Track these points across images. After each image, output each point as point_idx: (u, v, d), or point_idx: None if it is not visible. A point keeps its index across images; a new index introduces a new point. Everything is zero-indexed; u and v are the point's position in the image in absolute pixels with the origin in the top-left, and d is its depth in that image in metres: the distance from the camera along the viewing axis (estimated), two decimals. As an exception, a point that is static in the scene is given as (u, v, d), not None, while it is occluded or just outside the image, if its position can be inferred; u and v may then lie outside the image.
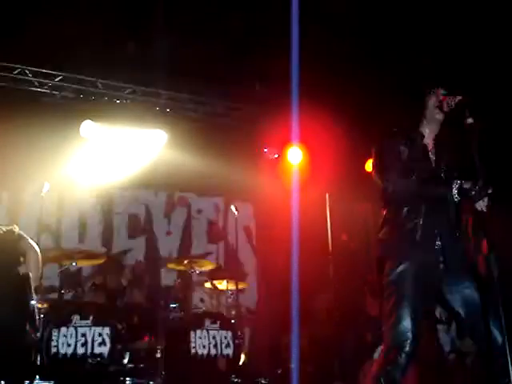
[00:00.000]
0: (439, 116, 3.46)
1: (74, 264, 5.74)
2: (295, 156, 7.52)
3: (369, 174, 3.86)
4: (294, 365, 6.08)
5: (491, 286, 3.00)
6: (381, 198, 3.52)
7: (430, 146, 3.49)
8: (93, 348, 5.09)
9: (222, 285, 6.63)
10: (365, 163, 6.98)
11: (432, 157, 3.47)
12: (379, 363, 3.27)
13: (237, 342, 5.75)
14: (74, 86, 6.82)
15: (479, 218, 3.18)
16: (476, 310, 3.23)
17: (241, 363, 5.93)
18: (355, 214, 8.22)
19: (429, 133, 3.51)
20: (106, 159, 7.18)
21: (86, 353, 5.03)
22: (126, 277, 6.50)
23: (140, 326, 5.87)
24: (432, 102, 3.48)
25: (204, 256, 6.94)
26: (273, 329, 7.03)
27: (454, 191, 3.24)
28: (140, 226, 7.65)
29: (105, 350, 5.11)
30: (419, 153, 3.46)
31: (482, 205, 3.18)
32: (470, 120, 3.21)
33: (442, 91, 3.45)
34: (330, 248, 7.24)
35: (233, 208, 6.75)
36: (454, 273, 3.30)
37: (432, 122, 3.50)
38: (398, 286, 3.30)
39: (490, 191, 3.17)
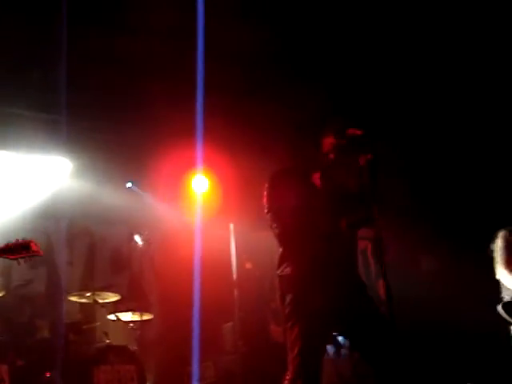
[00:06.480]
0: (333, 151, 3.57)
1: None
2: (200, 185, 7.55)
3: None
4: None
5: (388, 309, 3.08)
6: (275, 237, 3.55)
7: (324, 181, 3.58)
8: (-9, 387, 4.91)
9: (126, 317, 6.54)
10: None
11: (324, 191, 3.54)
12: None
13: (141, 375, 5.69)
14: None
15: (377, 244, 3.28)
16: (372, 334, 3.37)
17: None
18: (260, 241, 8.32)
19: (323, 167, 3.59)
20: (4, 189, 6.93)
21: (-18, 393, 4.85)
22: (26, 310, 6.28)
23: (41, 361, 5.69)
24: (327, 137, 3.59)
25: (107, 287, 6.80)
26: (178, 359, 6.98)
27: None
28: (41, 256, 7.39)
29: (4, 389, 4.94)
30: (311, 188, 3.54)
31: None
32: (364, 154, 3.31)
33: (336, 126, 3.56)
34: (235, 277, 7.31)
35: (137, 237, 6.68)
36: (352, 300, 3.43)
37: (326, 157, 3.58)
38: (299, 317, 3.39)
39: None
